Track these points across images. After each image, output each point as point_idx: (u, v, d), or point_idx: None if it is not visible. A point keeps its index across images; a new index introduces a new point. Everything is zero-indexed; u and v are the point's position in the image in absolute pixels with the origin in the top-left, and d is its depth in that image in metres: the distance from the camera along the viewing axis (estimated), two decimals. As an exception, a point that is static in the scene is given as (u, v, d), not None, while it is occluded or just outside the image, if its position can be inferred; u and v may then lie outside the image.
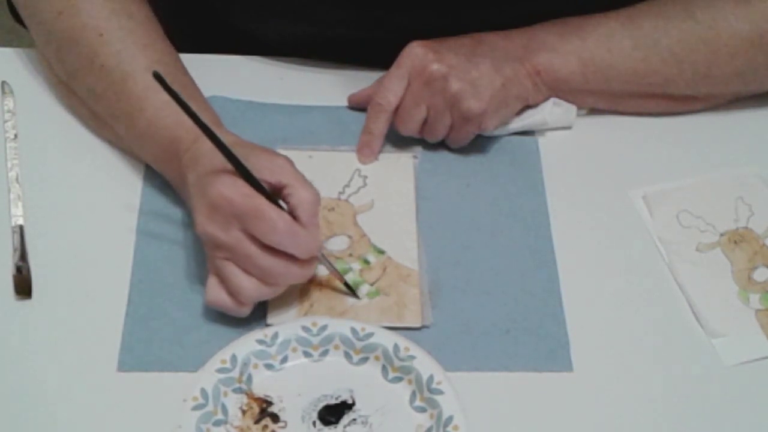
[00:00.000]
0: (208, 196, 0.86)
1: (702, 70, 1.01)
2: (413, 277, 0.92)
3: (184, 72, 0.99)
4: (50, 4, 0.99)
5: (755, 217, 0.99)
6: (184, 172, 0.90)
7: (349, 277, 0.92)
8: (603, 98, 1.04)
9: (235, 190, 0.85)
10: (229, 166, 0.86)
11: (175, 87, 0.86)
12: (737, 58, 1.01)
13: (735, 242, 0.97)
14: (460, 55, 0.98)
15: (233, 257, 0.85)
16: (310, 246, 0.86)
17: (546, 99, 1.02)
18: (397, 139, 1.01)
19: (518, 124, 1.02)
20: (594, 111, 1.06)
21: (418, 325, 0.89)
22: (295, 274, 0.87)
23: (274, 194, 0.86)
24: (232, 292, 0.86)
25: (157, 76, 0.85)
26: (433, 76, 0.97)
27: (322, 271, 0.92)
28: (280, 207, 0.86)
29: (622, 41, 1.00)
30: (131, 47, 0.96)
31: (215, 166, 0.86)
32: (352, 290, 0.91)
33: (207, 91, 1.04)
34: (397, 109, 0.99)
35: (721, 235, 0.97)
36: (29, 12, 1.02)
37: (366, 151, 1.01)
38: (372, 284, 0.92)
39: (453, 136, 1.00)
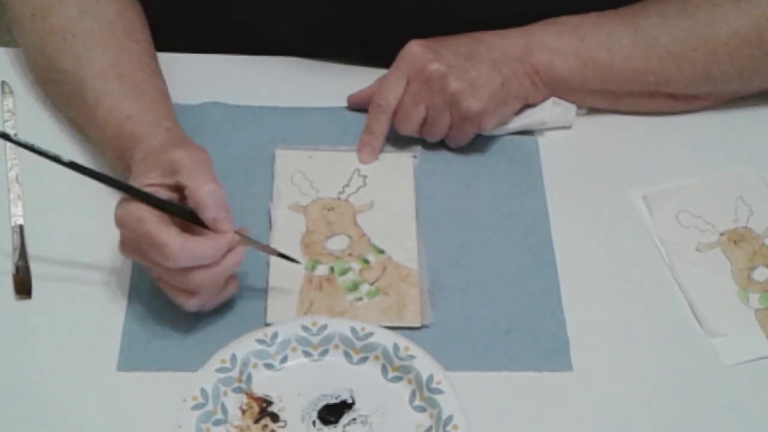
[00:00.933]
0: (119, 213, 0.85)
1: (701, 69, 1.01)
2: (413, 276, 0.92)
3: (144, 68, 0.98)
4: (25, 6, 1.00)
5: (755, 216, 0.99)
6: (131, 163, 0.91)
7: (349, 277, 0.92)
8: (602, 97, 1.04)
9: (128, 215, 0.84)
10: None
11: (124, 84, 0.89)
12: (736, 56, 1.01)
13: (735, 242, 0.97)
14: (458, 54, 0.98)
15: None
16: (216, 248, 0.84)
17: (545, 98, 1.02)
18: (397, 139, 1.01)
19: (517, 123, 1.02)
20: (594, 111, 1.06)
21: (417, 324, 0.89)
22: (218, 274, 0.85)
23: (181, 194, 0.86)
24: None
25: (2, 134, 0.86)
26: (432, 75, 0.97)
27: (322, 270, 0.92)
28: (184, 214, 0.85)
29: (621, 40, 1.00)
30: (90, 51, 0.97)
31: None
32: (291, 258, 0.90)
33: (207, 91, 1.05)
34: (396, 109, 0.99)
35: (721, 234, 0.97)
36: (10, 13, 1.02)
37: (367, 151, 1.01)
38: (372, 284, 0.92)
39: (452, 136, 1.00)
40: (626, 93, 1.03)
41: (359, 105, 1.03)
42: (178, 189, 0.86)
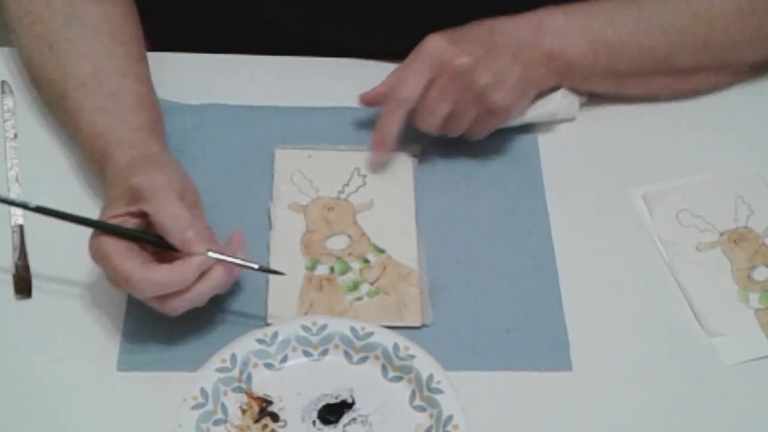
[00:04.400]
0: (92, 245, 0.86)
1: (701, 41, 1.02)
2: (413, 276, 0.92)
3: (125, 72, 0.97)
4: (17, 10, 1.00)
5: (755, 216, 0.99)
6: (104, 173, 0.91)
7: (349, 277, 0.92)
8: (609, 79, 1.03)
9: (98, 251, 0.85)
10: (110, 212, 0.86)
11: (101, 94, 0.91)
12: (731, 27, 1.02)
13: (735, 242, 0.97)
14: (479, 46, 0.96)
15: None
16: (181, 274, 0.83)
17: (553, 87, 1.02)
18: (397, 139, 1.01)
19: (532, 114, 1.02)
20: (594, 111, 1.06)
21: (418, 324, 0.89)
22: (192, 299, 0.85)
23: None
24: None
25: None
26: (459, 69, 0.95)
27: (322, 270, 0.92)
28: (153, 240, 0.85)
29: (625, 19, 1.01)
30: (73, 61, 0.96)
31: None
32: (273, 271, 0.89)
33: (207, 91, 1.05)
34: (418, 104, 0.97)
35: (721, 234, 0.97)
36: (7, 15, 1.02)
37: (381, 147, 0.99)
38: (372, 283, 0.92)
39: (475, 129, 0.99)
40: (633, 72, 1.03)
41: (373, 103, 1.00)
42: (144, 215, 0.86)
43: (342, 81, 1.07)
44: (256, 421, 0.84)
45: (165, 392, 0.84)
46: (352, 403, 0.85)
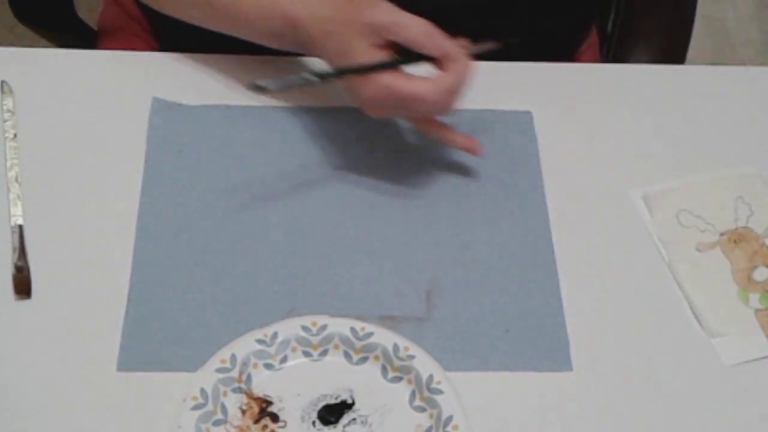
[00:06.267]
0: (361, 98, 0.94)
1: None
2: None
3: None
4: None
5: (755, 216, 0.99)
6: (309, 48, 0.97)
7: None
8: None
9: (376, 88, 0.91)
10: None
11: None
12: None
13: (735, 242, 0.97)
14: None
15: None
16: (456, 73, 0.91)
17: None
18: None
19: None
20: (593, 111, 1.06)
21: None
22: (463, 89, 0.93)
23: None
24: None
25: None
26: None
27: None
28: (412, 59, 0.92)
29: None
30: None
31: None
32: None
33: (207, 91, 1.05)
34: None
35: (721, 234, 0.97)
36: None
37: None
38: None
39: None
40: None
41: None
42: (388, 46, 0.92)
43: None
44: (256, 421, 0.84)
45: (165, 392, 0.84)
46: (352, 404, 0.85)
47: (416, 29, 0.91)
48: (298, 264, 0.93)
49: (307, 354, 0.87)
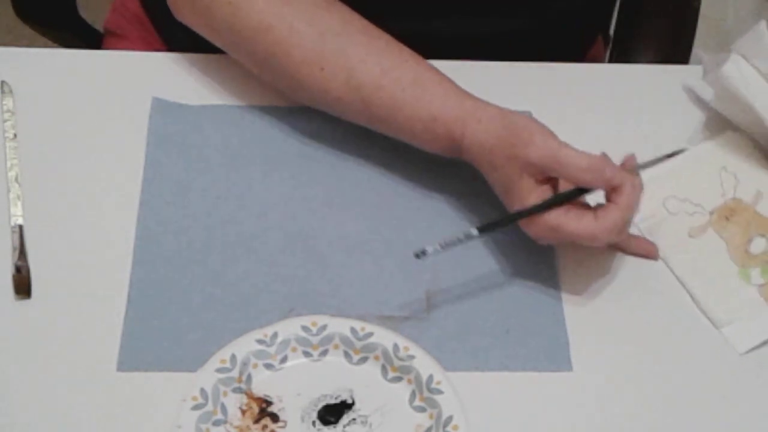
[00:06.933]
0: (529, 235, 0.91)
1: None
2: None
3: (405, 59, 0.97)
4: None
5: (742, 185, 0.97)
6: (472, 160, 0.94)
7: None
8: None
9: (544, 230, 0.89)
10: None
11: (405, 82, 0.94)
12: None
13: (726, 218, 0.96)
14: None
15: None
16: (626, 206, 0.88)
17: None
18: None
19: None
20: (592, 110, 1.06)
21: None
22: (632, 216, 0.90)
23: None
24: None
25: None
26: None
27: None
28: (577, 194, 0.90)
29: None
30: (352, 69, 0.96)
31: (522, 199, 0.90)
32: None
33: (207, 91, 1.05)
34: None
35: (711, 213, 0.96)
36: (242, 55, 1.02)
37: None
38: None
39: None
40: None
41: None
42: (550, 180, 0.90)
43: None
44: (256, 421, 0.84)
45: (165, 392, 0.84)
46: (352, 404, 0.85)
47: (576, 166, 0.88)
48: (298, 264, 0.93)
49: (307, 354, 0.87)
